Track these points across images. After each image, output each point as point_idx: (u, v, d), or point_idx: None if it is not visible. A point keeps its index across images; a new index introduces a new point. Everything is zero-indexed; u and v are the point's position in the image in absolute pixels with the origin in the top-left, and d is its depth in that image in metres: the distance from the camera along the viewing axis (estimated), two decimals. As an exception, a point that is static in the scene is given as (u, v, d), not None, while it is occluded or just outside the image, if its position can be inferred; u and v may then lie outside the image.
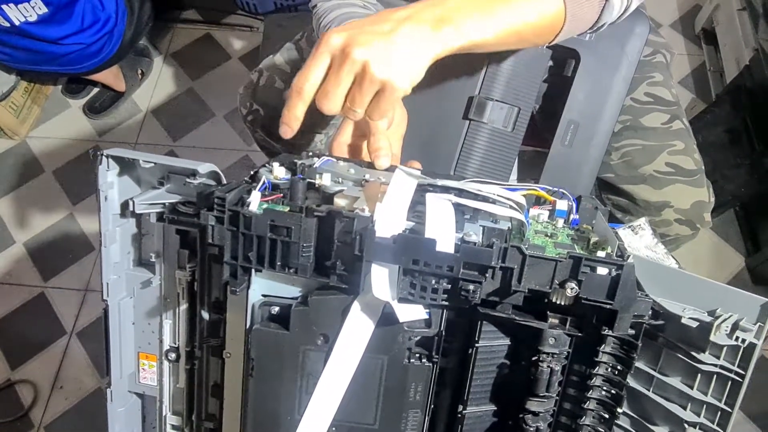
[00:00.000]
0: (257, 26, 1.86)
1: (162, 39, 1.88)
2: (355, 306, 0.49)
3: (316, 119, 1.00)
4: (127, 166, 0.55)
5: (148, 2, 1.64)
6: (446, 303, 0.48)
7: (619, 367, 0.51)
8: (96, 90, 1.78)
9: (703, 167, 0.87)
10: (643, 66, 0.90)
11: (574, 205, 0.55)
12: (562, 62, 0.85)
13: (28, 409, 1.34)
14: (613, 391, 0.52)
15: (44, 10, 1.37)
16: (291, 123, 0.55)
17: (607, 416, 0.52)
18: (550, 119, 0.87)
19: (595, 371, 0.51)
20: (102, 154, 0.52)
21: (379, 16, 0.54)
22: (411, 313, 0.48)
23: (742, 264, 1.42)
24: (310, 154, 0.60)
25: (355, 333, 0.49)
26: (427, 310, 0.50)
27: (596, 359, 0.51)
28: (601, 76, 0.82)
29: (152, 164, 0.53)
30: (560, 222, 0.54)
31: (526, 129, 0.83)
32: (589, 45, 0.82)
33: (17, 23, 1.35)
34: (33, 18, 1.36)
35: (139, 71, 1.79)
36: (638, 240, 0.88)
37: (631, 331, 0.48)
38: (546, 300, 0.48)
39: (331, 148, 0.66)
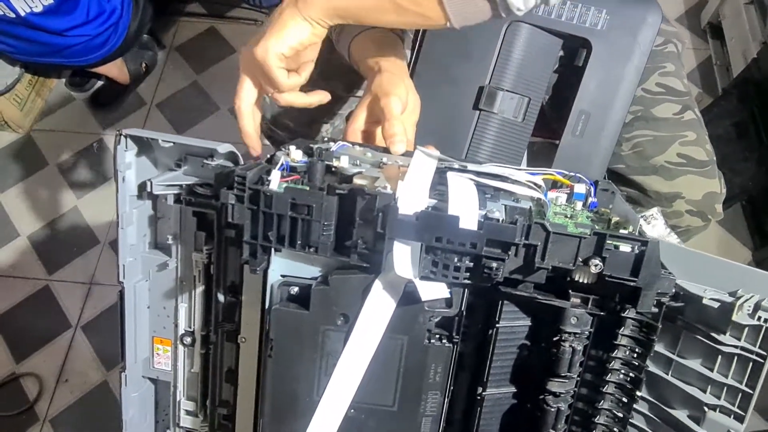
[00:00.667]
0: (262, 20, 1.85)
1: (166, 32, 1.87)
2: (377, 285, 0.49)
3: (321, 109, 1.00)
4: (144, 147, 0.55)
5: None
6: (468, 281, 0.48)
7: (638, 350, 0.50)
8: (100, 83, 1.77)
9: (714, 158, 0.86)
10: (654, 56, 0.90)
11: (592, 189, 0.55)
12: (573, 52, 0.85)
13: (34, 402, 1.33)
14: (632, 375, 0.51)
15: (50, 1, 1.36)
16: (249, 141, 0.64)
17: (625, 400, 0.52)
18: (559, 110, 0.87)
19: (613, 354, 0.51)
20: (121, 134, 0.52)
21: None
22: (433, 291, 0.48)
23: (749, 257, 1.42)
24: (326, 139, 0.60)
25: (376, 312, 0.49)
26: (448, 290, 0.50)
27: (615, 342, 0.50)
28: (613, 65, 0.82)
29: (171, 144, 0.53)
30: (579, 204, 0.53)
31: (537, 119, 0.82)
32: (601, 34, 0.82)
33: (22, 14, 1.35)
34: (38, 9, 1.36)
35: (144, 64, 1.78)
36: (650, 230, 0.88)
37: (655, 310, 0.48)
38: (568, 279, 0.47)
39: (346, 134, 0.66)
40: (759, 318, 0.49)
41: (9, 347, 1.41)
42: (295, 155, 0.55)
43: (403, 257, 0.47)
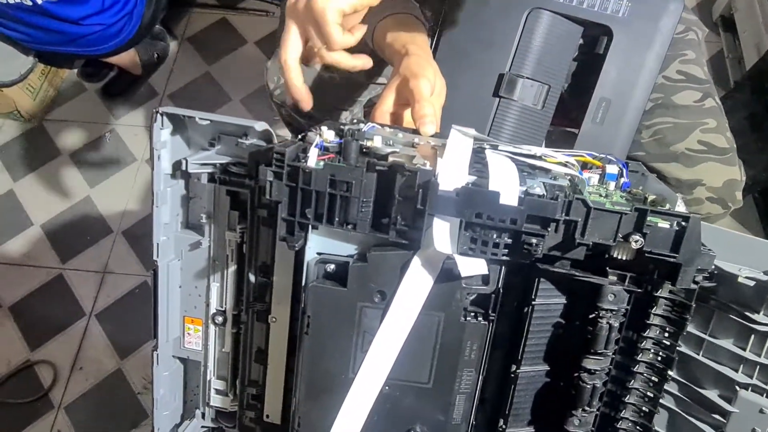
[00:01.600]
0: (273, 11, 1.85)
1: (178, 23, 1.87)
2: (416, 261, 0.49)
3: (341, 96, 1.00)
4: (179, 126, 0.55)
5: None
6: (507, 258, 0.48)
7: (670, 330, 0.51)
8: (112, 74, 1.77)
9: (734, 146, 0.87)
10: (675, 43, 0.90)
11: (624, 170, 0.55)
12: (593, 40, 0.85)
13: (48, 390, 1.34)
14: (663, 354, 0.52)
15: (65, -11, 1.36)
16: (297, 94, 0.61)
17: (656, 380, 0.52)
18: (578, 98, 0.87)
19: (645, 334, 0.51)
20: (157, 111, 0.52)
21: None
22: (473, 267, 0.48)
23: (761, 250, 1.42)
24: (355, 120, 0.60)
25: (414, 289, 0.49)
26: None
27: (648, 322, 0.51)
28: (634, 52, 0.82)
29: (208, 122, 0.53)
30: (612, 185, 0.54)
31: (556, 108, 0.82)
32: (623, 21, 0.82)
33: (39, 2, 1.34)
34: (54, -3, 1.36)
35: (156, 55, 1.78)
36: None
37: (693, 286, 0.48)
38: (606, 256, 0.48)
39: (374, 116, 0.66)
40: (794, 296, 0.49)
41: (24, 335, 1.41)
42: (328, 135, 0.55)
43: (443, 233, 0.47)
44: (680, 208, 0.90)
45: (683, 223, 0.45)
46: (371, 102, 0.99)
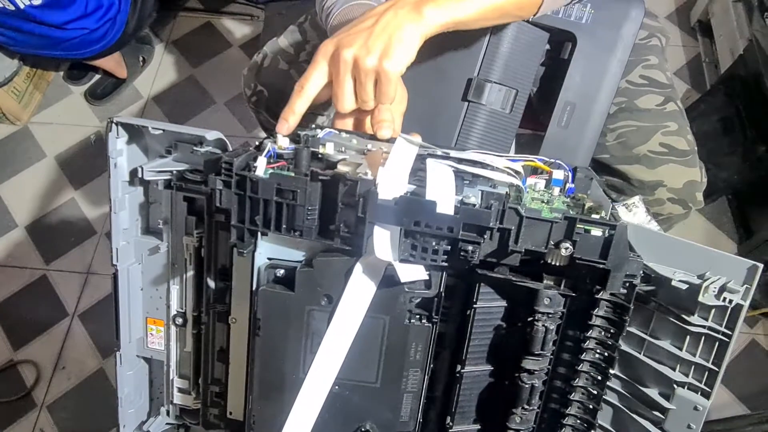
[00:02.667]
0: (258, 15, 1.87)
1: (163, 27, 1.89)
2: (358, 267, 0.51)
3: (315, 101, 1.02)
4: (135, 134, 0.57)
5: None
6: (446, 264, 0.50)
7: (611, 330, 0.53)
8: (97, 76, 1.79)
9: (695, 148, 0.89)
10: (638, 49, 0.92)
11: (570, 175, 0.57)
12: (559, 45, 0.87)
13: (31, 389, 1.36)
14: (605, 354, 0.54)
15: (48, -6, 1.38)
16: (289, 117, 0.59)
17: (599, 378, 0.55)
18: (547, 102, 0.88)
19: (588, 334, 0.53)
20: (112, 121, 0.54)
21: (365, 14, 0.59)
22: (412, 273, 0.50)
23: (735, 250, 1.44)
24: (313, 126, 0.62)
25: (358, 293, 0.51)
26: (428, 272, 0.52)
27: (590, 323, 0.53)
28: (598, 58, 0.84)
29: (161, 131, 0.55)
30: (556, 190, 0.55)
31: (525, 112, 0.84)
32: (586, 28, 0.84)
33: (22, 6, 1.36)
34: (38, 1, 1.37)
35: (141, 58, 1.80)
36: (632, 217, 0.90)
37: (623, 291, 0.50)
38: (542, 261, 0.50)
39: (334, 122, 0.68)
40: (724, 299, 0.51)
41: (7, 335, 1.43)
42: (282, 142, 0.57)
43: (382, 241, 0.49)
44: (640, 209, 0.93)
45: (611, 231, 0.47)
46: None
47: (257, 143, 0.59)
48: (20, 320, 1.45)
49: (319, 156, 0.57)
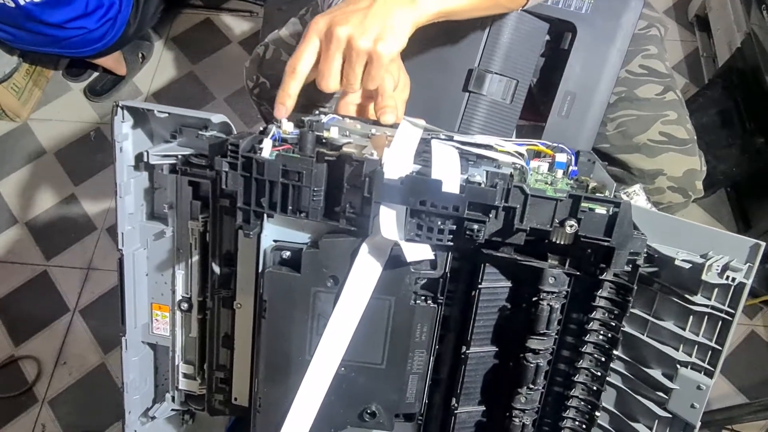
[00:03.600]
0: (257, 11, 1.87)
1: (163, 23, 1.89)
2: (364, 247, 0.51)
3: (318, 94, 1.02)
4: (140, 119, 0.57)
5: None
6: (451, 243, 0.50)
7: (615, 312, 0.53)
8: (97, 73, 1.79)
9: (695, 137, 0.89)
10: (638, 39, 0.93)
11: (573, 158, 0.58)
12: (559, 36, 0.87)
13: (32, 384, 1.36)
14: (609, 335, 0.54)
15: (48, -9, 1.38)
16: (285, 101, 0.58)
17: (603, 359, 0.55)
18: (547, 92, 0.89)
19: (592, 316, 0.54)
20: (117, 105, 0.54)
21: None
22: (418, 252, 0.50)
23: (734, 243, 1.45)
24: (317, 112, 0.63)
25: (364, 274, 0.52)
26: (433, 252, 0.52)
27: (593, 304, 0.53)
28: (597, 48, 0.84)
29: (166, 115, 0.55)
30: (559, 173, 0.56)
31: (525, 102, 0.85)
32: (586, 18, 0.84)
33: (22, 3, 1.36)
34: (38, -1, 1.38)
35: (140, 55, 1.80)
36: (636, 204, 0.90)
37: (626, 270, 0.50)
38: (546, 241, 0.50)
39: (338, 107, 0.68)
40: (727, 277, 0.51)
41: (8, 331, 1.43)
42: (287, 127, 0.58)
43: (388, 220, 0.49)
44: (641, 197, 0.93)
45: (615, 209, 0.47)
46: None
47: (261, 128, 0.59)
48: (21, 316, 1.45)
49: (324, 140, 0.57)
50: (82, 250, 1.53)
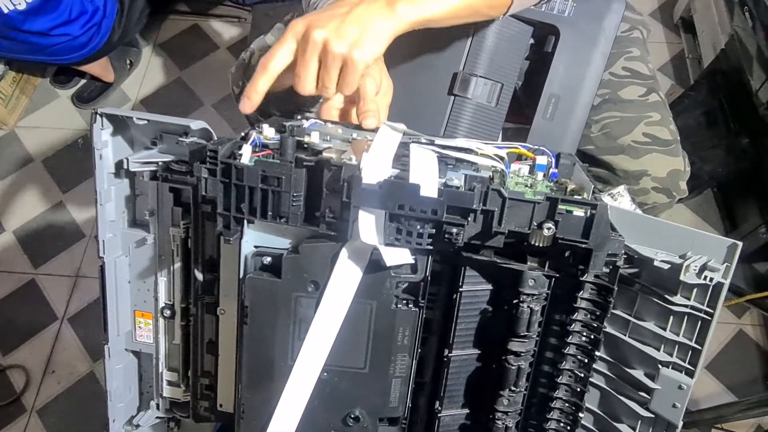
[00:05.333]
0: (245, 17, 1.88)
1: (150, 29, 1.89)
2: (344, 252, 0.51)
3: (303, 99, 1.03)
4: (120, 126, 0.57)
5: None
6: (431, 247, 0.50)
7: (596, 313, 0.53)
8: (84, 80, 1.78)
9: (678, 138, 0.90)
10: (620, 41, 0.93)
11: (553, 160, 0.58)
12: (543, 39, 0.88)
13: (20, 394, 1.35)
14: (591, 336, 0.54)
15: (32, -2, 1.38)
16: (251, 95, 0.59)
17: (585, 360, 0.55)
18: (532, 95, 0.89)
19: (574, 317, 0.54)
20: (96, 113, 0.54)
21: (339, 2, 0.59)
22: (397, 257, 0.50)
23: (721, 242, 1.46)
24: (299, 117, 0.63)
25: (344, 278, 0.52)
26: (413, 256, 0.52)
27: (575, 305, 0.53)
28: (581, 50, 0.85)
29: (145, 122, 0.55)
30: (540, 175, 0.56)
31: (510, 106, 0.85)
32: (569, 21, 0.85)
33: (6, 11, 1.36)
34: (22, 6, 1.37)
35: (128, 61, 1.80)
36: (617, 206, 0.91)
37: (606, 270, 0.51)
38: (525, 243, 0.50)
39: (320, 112, 0.68)
40: (705, 277, 0.52)
41: (-5, 340, 1.42)
42: (268, 132, 0.58)
43: (367, 225, 0.49)
44: (625, 198, 0.94)
45: (592, 211, 0.47)
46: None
47: (243, 134, 0.59)
48: (9, 325, 1.43)
49: (305, 145, 0.57)
50: (71, 258, 1.52)
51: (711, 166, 1.36)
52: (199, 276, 0.60)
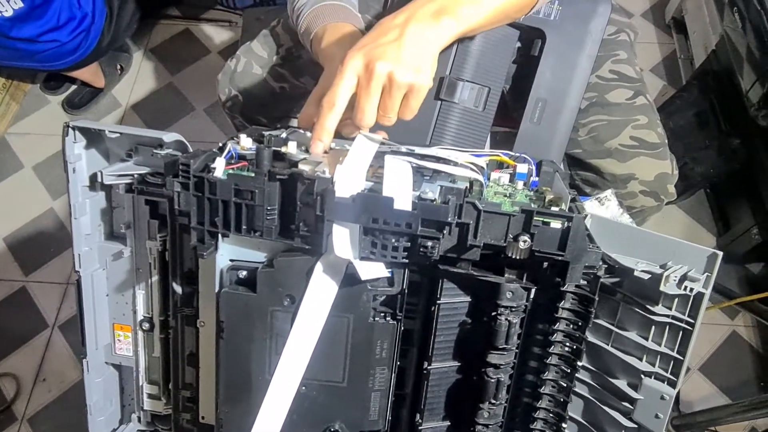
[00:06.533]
0: (236, 21, 1.87)
1: (141, 34, 1.88)
2: (319, 266, 0.51)
3: (291, 107, 1.02)
4: (94, 139, 0.56)
5: (129, 4, 1.64)
6: (406, 260, 0.50)
7: (578, 323, 0.53)
8: (75, 86, 1.78)
9: (666, 141, 0.89)
10: (607, 44, 0.93)
11: (534, 169, 0.57)
12: (529, 43, 0.88)
13: (11, 402, 1.34)
14: (573, 346, 0.54)
15: (20, 5, 1.37)
16: (322, 137, 0.57)
17: (568, 370, 0.55)
18: (519, 99, 0.89)
19: (555, 327, 0.53)
20: (68, 126, 0.53)
21: (384, 27, 0.58)
22: (373, 271, 0.50)
23: (714, 244, 1.45)
24: (278, 126, 0.62)
25: (320, 292, 0.51)
26: (390, 270, 0.52)
27: (556, 315, 0.53)
28: (567, 54, 0.84)
29: (118, 135, 0.54)
30: (520, 184, 0.56)
31: (498, 110, 0.84)
32: (555, 24, 0.84)
33: (-7, 18, 1.35)
34: (9, 13, 1.36)
35: (119, 66, 1.79)
36: (604, 211, 0.90)
37: (585, 282, 0.50)
38: (502, 255, 0.50)
39: (301, 121, 0.68)
40: (686, 288, 0.51)
41: (-15, 348, 1.42)
42: (245, 143, 0.57)
43: (342, 239, 0.48)
44: (613, 202, 0.93)
45: (568, 223, 0.47)
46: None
47: (220, 144, 0.58)
48: (-1, 333, 1.43)
49: (283, 155, 0.57)
50: (62, 265, 1.51)
51: (703, 167, 1.36)
52: (178, 289, 0.59)
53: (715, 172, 1.36)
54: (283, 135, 0.59)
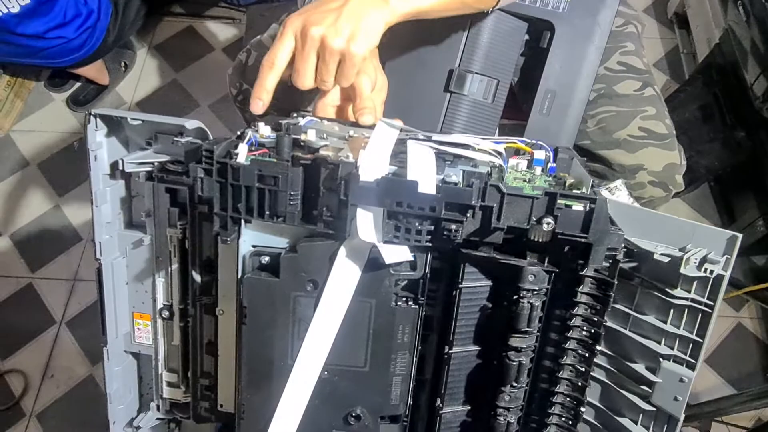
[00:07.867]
0: (240, 18, 1.87)
1: (145, 31, 1.88)
2: (342, 250, 0.51)
3: (298, 98, 1.02)
4: (115, 127, 0.57)
5: (134, 1, 1.64)
6: (429, 244, 0.50)
7: (597, 307, 0.53)
8: (79, 83, 1.78)
9: (674, 131, 0.90)
10: (615, 36, 0.93)
11: (551, 155, 0.58)
12: (538, 35, 0.88)
13: (19, 399, 1.34)
14: (592, 330, 0.54)
15: (27, 1, 1.37)
16: (261, 95, 0.60)
17: (586, 354, 0.55)
18: (528, 91, 0.89)
19: (574, 312, 0.54)
20: (90, 114, 0.54)
21: None
22: (396, 254, 0.50)
23: (719, 236, 1.46)
24: (295, 115, 0.62)
25: (343, 277, 0.51)
26: (412, 254, 0.52)
27: (575, 300, 0.53)
28: (576, 46, 0.85)
29: (140, 122, 0.54)
30: (538, 170, 0.56)
31: (507, 102, 0.85)
32: (563, 16, 0.85)
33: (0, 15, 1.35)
34: (16, 9, 1.36)
35: (123, 63, 1.79)
36: (615, 200, 0.91)
37: (606, 264, 0.50)
38: (524, 239, 0.50)
39: (316, 109, 0.68)
40: (705, 270, 0.52)
41: (-7, 345, 1.42)
42: (264, 131, 0.57)
43: (366, 223, 0.49)
44: (623, 192, 0.93)
45: (591, 205, 0.47)
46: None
47: (239, 132, 0.59)
48: (7, 329, 1.43)
49: (301, 143, 0.57)
50: (68, 261, 1.51)
51: (707, 160, 1.36)
52: (197, 277, 0.59)
53: (720, 165, 1.36)
54: (302, 123, 0.59)
